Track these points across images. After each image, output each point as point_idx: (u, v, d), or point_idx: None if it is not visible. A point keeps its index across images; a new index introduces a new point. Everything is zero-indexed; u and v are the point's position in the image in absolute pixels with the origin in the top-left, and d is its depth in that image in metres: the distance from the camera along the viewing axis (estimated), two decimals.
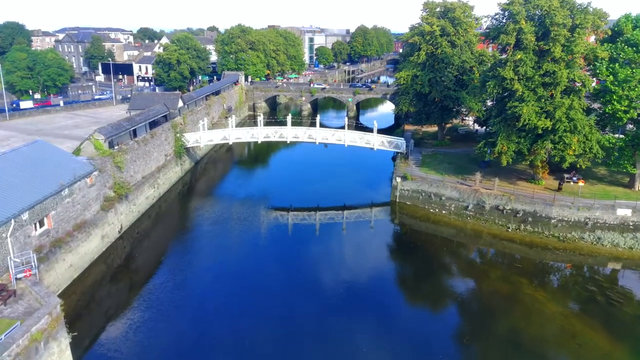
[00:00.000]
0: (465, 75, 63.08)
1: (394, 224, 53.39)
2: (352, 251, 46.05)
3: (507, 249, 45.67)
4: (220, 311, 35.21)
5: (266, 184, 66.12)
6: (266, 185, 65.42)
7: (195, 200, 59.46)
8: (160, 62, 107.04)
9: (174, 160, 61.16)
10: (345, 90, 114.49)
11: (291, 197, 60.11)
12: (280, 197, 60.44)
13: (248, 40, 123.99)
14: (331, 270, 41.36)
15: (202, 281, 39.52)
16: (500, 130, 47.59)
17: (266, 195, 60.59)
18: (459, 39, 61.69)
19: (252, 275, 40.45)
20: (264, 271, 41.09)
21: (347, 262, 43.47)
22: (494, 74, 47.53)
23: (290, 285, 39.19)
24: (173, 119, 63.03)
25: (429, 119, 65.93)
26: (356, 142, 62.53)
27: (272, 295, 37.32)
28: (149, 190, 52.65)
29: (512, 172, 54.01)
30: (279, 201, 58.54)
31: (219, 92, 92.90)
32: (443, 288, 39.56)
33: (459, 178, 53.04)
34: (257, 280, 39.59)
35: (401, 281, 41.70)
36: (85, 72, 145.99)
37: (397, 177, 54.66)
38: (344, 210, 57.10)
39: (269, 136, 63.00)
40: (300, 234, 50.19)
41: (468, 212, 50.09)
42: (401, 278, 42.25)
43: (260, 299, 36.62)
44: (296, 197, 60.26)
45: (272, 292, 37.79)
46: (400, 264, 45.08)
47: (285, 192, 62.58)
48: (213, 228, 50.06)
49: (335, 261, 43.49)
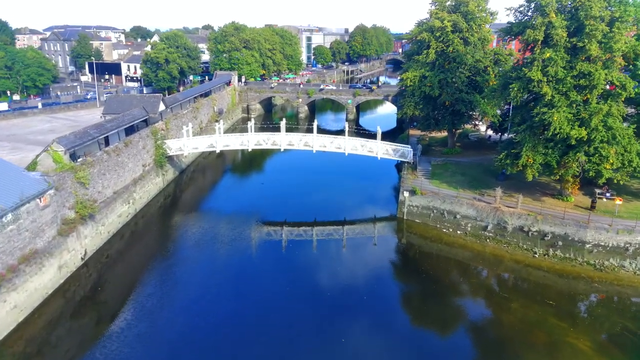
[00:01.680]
0: (478, 76, 56.73)
1: (400, 243, 47.05)
2: (353, 273, 40.33)
3: (532, 277, 39.37)
4: (203, 349, 29.84)
5: (259, 195, 59.83)
6: (259, 196, 59.18)
7: (178, 215, 52.99)
8: (148, 62, 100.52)
9: (154, 171, 54.66)
10: (345, 91, 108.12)
11: (286, 210, 54.07)
12: (274, 209, 54.40)
13: (242, 39, 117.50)
14: (329, 297, 36.17)
15: (181, 312, 33.87)
16: (525, 139, 41.24)
17: (259, 208, 54.52)
18: (473, 36, 55.34)
19: (240, 307, 34.98)
20: (254, 299, 35.88)
21: (348, 287, 37.94)
22: (518, 74, 41.18)
23: (285, 313, 34.13)
24: (154, 124, 56.57)
25: (438, 124, 59.58)
26: (357, 150, 56.16)
27: (265, 326, 32.35)
28: (122, 206, 46.18)
29: (534, 186, 47.64)
30: (273, 214, 52.77)
31: (209, 94, 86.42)
32: (457, 317, 34.64)
33: (476, 193, 46.67)
34: (246, 312, 34.30)
35: (409, 309, 36.52)
36: (71, 72, 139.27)
37: (404, 191, 48.27)
38: (343, 225, 51.13)
39: (261, 143, 56.57)
40: (296, 252, 44.57)
41: (487, 233, 43.75)
42: (409, 306, 37.00)
43: (252, 334, 31.47)
44: (291, 210, 54.28)
45: (265, 323, 32.77)
46: (408, 290, 39.42)
47: (279, 204, 56.34)
48: (197, 247, 44.13)
49: (334, 285, 38.10)
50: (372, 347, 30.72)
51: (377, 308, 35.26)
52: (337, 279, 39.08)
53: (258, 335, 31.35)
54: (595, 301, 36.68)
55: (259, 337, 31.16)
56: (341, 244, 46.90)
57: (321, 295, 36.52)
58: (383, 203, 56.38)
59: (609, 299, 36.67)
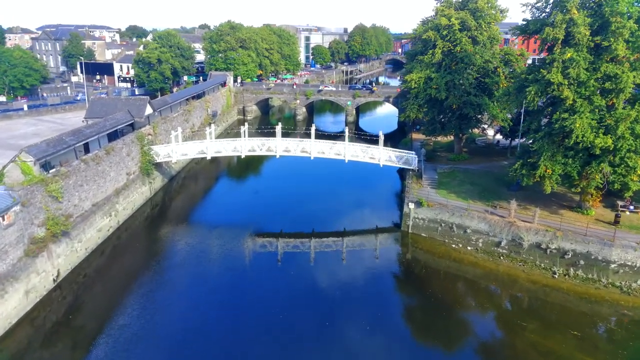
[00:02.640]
0: (487, 78, 53.08)
1: (405, 259, 43.37)
2: (354, 290, 37.23)
3: (550, 299, 35.77)
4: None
5: (254, 203, 56.18)
6: (254, 204, 55.56)
7: (166, 227, 49.21)
8: (140, 62, 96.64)
9: (140, 179, 50.89)
10: (344, 92, 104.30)
11: (282, 220, 50.64)
12: (269, 219, 50.97)
13: (238, 38, 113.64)
14: (328, 315, 33.49)
15: (167, 338, 30.76)
16: (543, 148, 37.55)
17: (253, 217, 51.18)
18: (482, 35, 51.65)
19: (231, 328, 32.08)
20: (246, 320, 32.97)
21: (348, 305, 35.12)
22: (536, 77, 37.50)
23: (281, 334, 31.44)
24: (141, 128, 52.80)
25: (444, 129, 55.85)
26: (358, 156, 52.44)
27: (259, 348, 29.82)
28: (103, 219, 42.42)
29: (550, 197, 43.85)
30: (268, 225, 49.45)
31: (203, 95, 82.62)
32: (466, 342, 31.87)
33: (487, 205, 42.95)
34: (238, 337, 31.23)
35: (414, 330, 33.69)
36: (63, 72, 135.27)
37: (409, 202, 44.56)
38: (343, 237, 47.75)
39: (255, 149, 52.82)
40: (292, 265, 41.54)
41: (500, 250, 40.10)
42: (414, 327, 34.07)
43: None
44: (288, 220, 50.87)
45: (259, 344, 30.20)
46: (413, 310, 36.11)
47: (275, 213, 52.79)
48: (186, 262, 40.70)
49: (333, 302, 35.31)
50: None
51: (379, 328, 32.39)
52: (336, 295, 36.17)
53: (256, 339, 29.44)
54: (621, 328, 33.02)
55: (257, 339, 29.31)
56: (341, 256, 43.63)
57: (319, 314, 33.66)
58: (385, 213, 52.81)
59: (637, 325, 33.04)
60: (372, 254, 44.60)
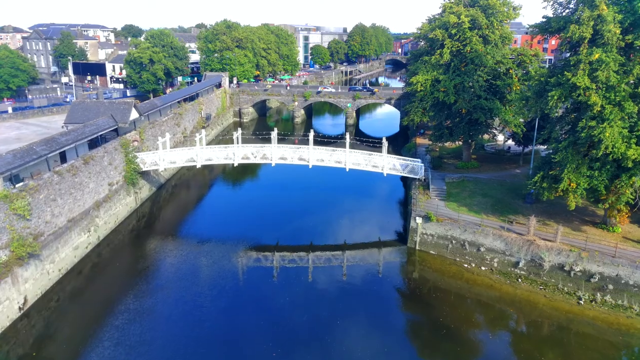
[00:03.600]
0: (499, 80, 49.34)
1: (411, 278, 39.62)
2: (356, 311, 34.13)
3: (575, 327, 32.03)
4: None
5: (248, 213, 52.42)
6: (248, 215, 51.82)
7: (153, 241, 45.34)
8: (131, 62, 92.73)
9: (124, 189, 47.05)
10: (344, 94, 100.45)
11: (278, 232, 47.18)
12: (264, 231, 47.34)
13: (235, 38, 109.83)
14: (328, 339, 30.68)
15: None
16: (566, 159, 33.78)
17: (248, 229, 47.61)
18: (494, 33, 47.87)
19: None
20: (240, 343, 30.12)
21: (349, 327, 31.99)
22: (559, 80, 33.71)
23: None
24: (126, 134, 48.95)
25: (452, 134, 52.03)
26: (360, 165, 48.65)
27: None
28: (80, 236, 38.59)
29: (570, 210, 40.06)
30: (264, 237, 46.00)
31: (197, 97, 78.76)
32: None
33: (502, 220, 39.17)
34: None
35: (423, 358, 30.34)
36: (54, 73, 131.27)
37: (416, 216, 40.77)
38: (344, 250, 44.46)
39: (249, 157, 48.98)
40: (289, 282, 38.23)
41: (518, 271, 36.34)
42: (421, 354, 30.73)
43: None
44: (284, 232, 47.48)
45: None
46: (419, 335, 32.86)
47: (271, 224, 49.13)
48: (174, 280, 37.36)
49: (332, 323, 32.29)
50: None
51: (384, 354, 29.40)
52: (337, 317, 32.91)
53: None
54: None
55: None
56: (341, 272, 40.23)
57: (318, 339, 30.78)
58: (389, 225, 49.21)
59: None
60: (375, 270, 40.95)
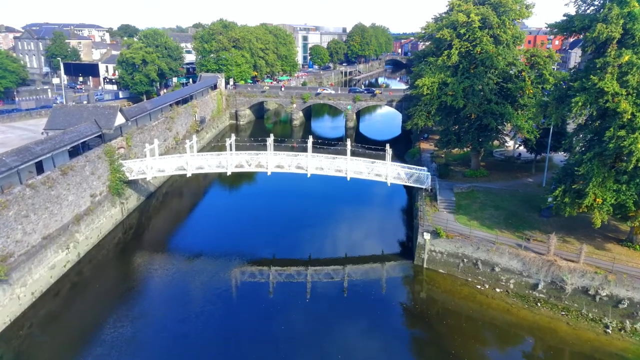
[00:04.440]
0: (510, 83, 46.13)
1: (418, 298, 36.47)
2: (358, 332, 31.76)
3: (600, 358, 28.83)
4: None
5: (243, 224, 49.19)
6: (243, 226, 48.63)
7: (140, 256, 42.03)
8: (123, 62, 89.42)
9: (109, 200, 43.78)
10: (344, 95, 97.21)
11: (274, 244, 44.30)
12: (260, 243, 44.46)
13: (231, 37, 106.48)
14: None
15: None
16: (592, 172, 30.57)
17: (242, 241, 44.79)
18: (505, 33, 44.67)
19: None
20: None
21: (351, 351, 29.69)
22: (583, 84, 30.50)
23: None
24: (111, 140, 45.67)
25: (460, 140, 48.78)
26: (362, 173, 45.47)
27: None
28: (58, 254, 35.33)
29: (590, 224, 36.88)
30: (259, 250, 43.13)
31: (190, 99, 75.45)
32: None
33: (518, 236, 35.97)
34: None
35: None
36: (46, 73, 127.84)
37: (424, 232, 37.51)
38: (344, 265, 41.66)
39: (243, 165, 45.75)
40: (286, 299, 35.52)
41: (537, 294, 33.13)
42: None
43: None
44: (281, 244, 44.56)
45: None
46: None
47: (266, 236, 46.05)
48: (160, 304, 34.22)
49: (332, 345, 30.04)
50: None
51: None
52: (337, 342, 30.19)
53: None
54: None
55: None
56: (342, 287, 37.33)
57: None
58: (393, 238, 46.18)
59: None
60: (378, 288, 37.85)
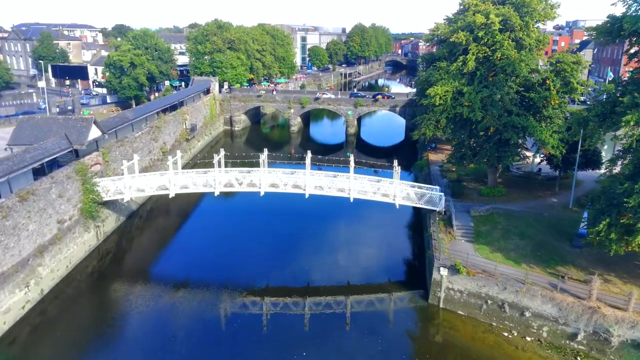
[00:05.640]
0: (533, 92, 41.09)
1: (432, 343, 31.43)
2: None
3: None
4: None
5: (235, 246, 44.20)
6: (234, 249, 43.63)
7: (117, 286, 36.92)
8: (111, 65, 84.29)
9: (82, 225, 38.68)
10: (344, 100, 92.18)
11: (268, 270, 39.53)
12: (253, 269, 39.73)
13: (226, 39, 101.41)
14: None
15: None
16: None
17: (233, 267, 40.42)
18: (529, 36, 39.70)
19: None
20: None
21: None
22: (635, 100, 25.47)
23: None
24: (85, 157, 40.58)
25: (476, 156, 43.74)
26: (367, 193, 40.46)
27: None
28: (14, 294, 30.22)
29: (629, 257, 31.92)
30: (251, 277, 38.56)
31: (181, 105, 70.39)
32: None
33: (550, 273, 30.93)
34: None
35: None
36: (34, 76, 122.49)
37: (440, 267, 32.44)
38: (347, 295, 36.84)
39: (232, 185, 40.69)
40: (281, 334, 31.24)
41: (576, 346, 28.09)
42: None
43: None
44: (276, 270, 39.70)
45: None
46: None
47: (260, 261, 41.21)
48: (136, 346, 29.59)
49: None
50: None
51: None
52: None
53: None
54: None
55: None
56: (344, 320, 33.12)
57: None
58: (402, 265, 41.74)
59: None
60: (385, 322, 33.72)
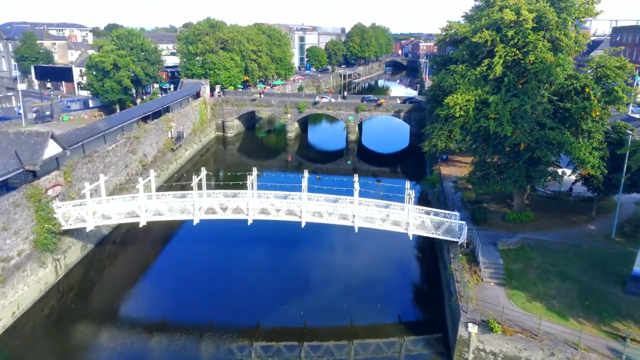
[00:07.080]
0: (568, 102, 34.86)
1: None
2: None
3: None
4: None
5: (219, 279, 38.16)
6: (219, 281, 37.68)
7: (80, 329, 30.99)
8: (93, 67, 77.89)
9: (35, 260, 32.34)
10: (345, 104, 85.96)
11: (259, 310, 33.52)
12: (240, 308, 33.99)
13: (219, 38, 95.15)
14: None
15: None
16: None
17: (218, 303, 34.54)
18: (567, 37, 33.48)
19: None
20: None
21: None
22: None
23: None
24: (40, 178, 34.25)
25: (502, 175, 37.33)
26: (374, 222, 34.19)
27: None
28: None
29: None
30: (239, 318, 33.16)
31: (166, 111, 64.10)
32: None
33: (605, 332, 24.74)
34: None
35: None
36: (16, 78, 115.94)
37: (468, 322, 26.17)
38: (351, 339, 30.99)
39: (215, 211, 34.37)
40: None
41: None
42: None
43: None
44: (267, 310, 33.62)
45: None
46: None
47: (249, 296, 35.46)
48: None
49: None
50: None
51: None
52: None
53: None
54: None
55: None
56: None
57: None
58: (414, 302, 35.88)
59: None
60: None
